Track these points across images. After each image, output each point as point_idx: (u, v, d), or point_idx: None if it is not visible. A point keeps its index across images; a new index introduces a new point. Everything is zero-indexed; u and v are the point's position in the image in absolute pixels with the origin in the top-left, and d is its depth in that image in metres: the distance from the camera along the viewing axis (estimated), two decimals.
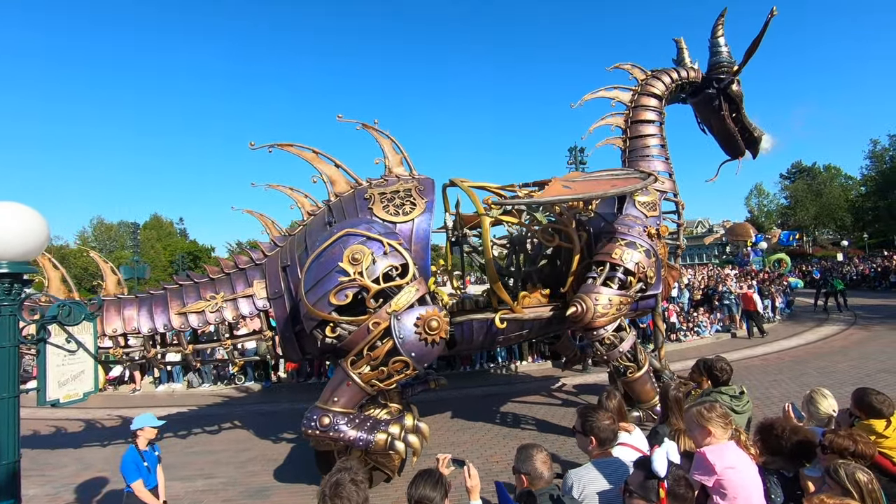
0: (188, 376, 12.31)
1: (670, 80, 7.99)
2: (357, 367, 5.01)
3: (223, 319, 5.90)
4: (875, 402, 3.15)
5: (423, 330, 4.91)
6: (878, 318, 16.30)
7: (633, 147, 7.65)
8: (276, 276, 5.99)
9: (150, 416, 4.50)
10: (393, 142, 6.51)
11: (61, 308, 3.35)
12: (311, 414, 5.07)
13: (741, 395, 3.96)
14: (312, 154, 6.34)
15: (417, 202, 5.80)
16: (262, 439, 7.78)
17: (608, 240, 6.33)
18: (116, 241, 57.34)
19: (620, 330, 6.26)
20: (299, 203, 6.39)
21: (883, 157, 49.64)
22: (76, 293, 6.18)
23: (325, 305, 4.89)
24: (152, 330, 5.85)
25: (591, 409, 2.92)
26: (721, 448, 2.60)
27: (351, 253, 4.96)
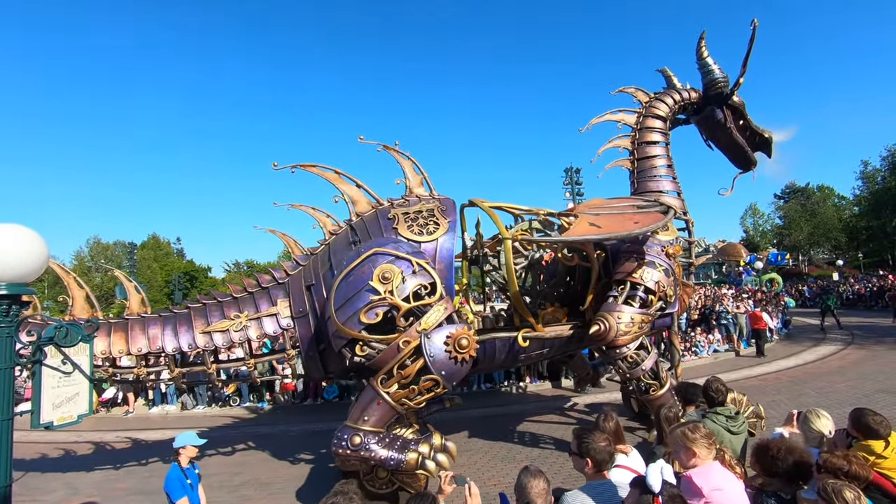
0: (182, 398, 12.16)
1: (673, 101, 8.18)
2: (387, 386, 5.04)
3: (247, 338, 5.86)
4: (872, 423, 3.16)
5: (454, 348, 4.98)
6: (874, 337, 16.32)
7: (641, 168, 7.78)
8: (300, 294, 5.99)
9: (192, 435, 4.55)
10: (413, 163, 6.64)
11: (58, 329, 3.36)
12: (341, 433, 5.05)
13: (736, 416, 3.97)
14: (335, 174, 6.44)
15: (441, 222, 5.88)
16: (257, 463, 7.67)
17: (627, 259, 6.37)
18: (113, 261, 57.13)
19: (642, 348, 6.34)
20: (321, 222, 6.44)
21: (874, 177, 50.32)
22: (100, 312, 6.17)
23: (355, 324, 4.93)
24: (176, 349, 5.79)
25: (586, 430, 2.92)
26: (706, 470, 2.62)
27: (381, 272, 5.03)
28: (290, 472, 7.13)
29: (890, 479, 2.97)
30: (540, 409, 9.79)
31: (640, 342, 6.30)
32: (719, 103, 8.16)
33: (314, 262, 6.18)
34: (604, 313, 6.09)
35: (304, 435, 9.12)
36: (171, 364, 5.95)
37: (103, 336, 5.60)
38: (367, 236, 5.86)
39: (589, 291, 6.45)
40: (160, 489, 4.51)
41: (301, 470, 7.23)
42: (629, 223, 5.90)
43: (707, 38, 8.25)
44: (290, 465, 7.45)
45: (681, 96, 8.28)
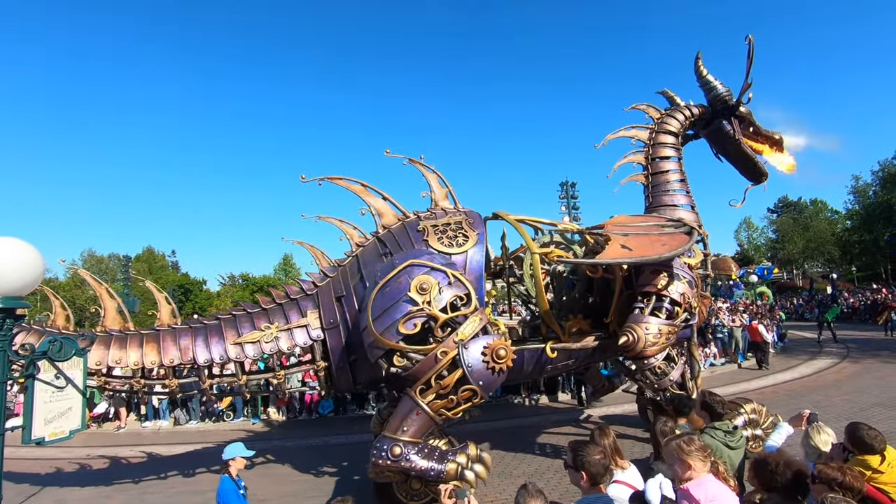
0: (175, 413, 12.01)
1: (683, 117, 8.43)
2: (425, 397, 5.06)
3: (278, 349, 5.83)
4: (866, 437, 3.17)
5: (491, 358, 5.04)
6: (870, 350, 16.38)
7: (655, 182, 7.95)
8: (330, 305, 5.99)
9: (241, 446, 4.63)
10: (438, 176, 6.72)
11: (52, 343, 3.33)
12: (381, 444, 5.06)
13: (735, 431, 3.96)
14: (361, 187, 6.52)
15: (469, 234, 5.96)
16: (252, 479, 7.54)
17: (652, 271, 6.39)
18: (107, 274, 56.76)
19: (669, 359, 6.48)
20: (348, 234, 6.49)
21: (866, 192, 50.91)
22: (131, 324, 6.10)
23: (393, 334, 4.98)
24: (208, 361, 5.74)
25: (581, 444, 2.92)
26: (702, 482, 2.66)
27: (418, 283, 5.09)
28: (286, 489, 7.03)
29: (887, 494, 2.97)
30: (540, 423, 9.74)
31: (667, 353, 6.43)
32: (727, 115, 8.38)
33: (343, 274, 6.21)
34: (632, 324, 6.09)
35: (299, 450, 9.01)
36: (203, 375, 5.89)
37: (135, 347, 5.59)
38: (397, 248, 5.92)
39: (613, 303, 6.50)
40: None
41: (297, 486, 7.13)
42: (657, 245, 6.04)
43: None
44: (286, 482, 7.35)
45: (690, 112, 8.53)
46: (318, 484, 7.12)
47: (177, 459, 8.75)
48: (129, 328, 5.94)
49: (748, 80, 8.00)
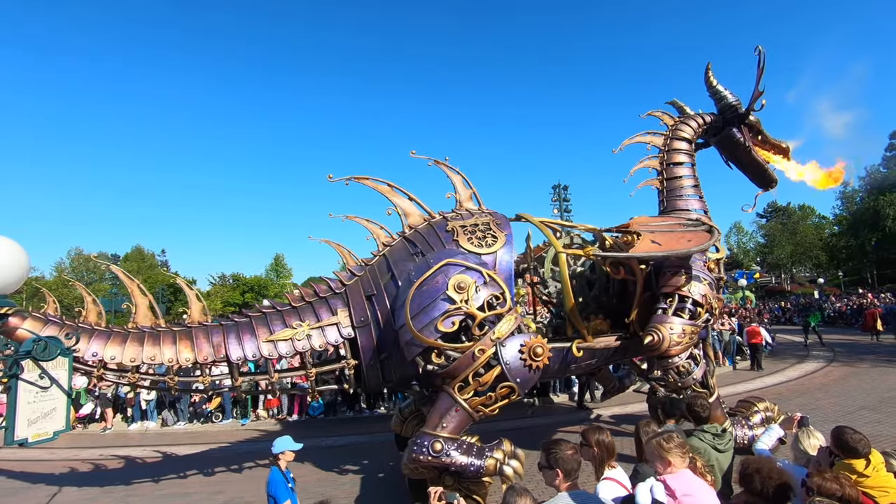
0: (163, 414, 11.88)
1: (696, 124, 8.63)
2: (464, 394, 5.16)
3: (310, 347, 5.80)
4: (851, 441, 3.19)
5: (529, 356, 5.17)
6: (856, 354, 16.58)
7: (669, 188, 8.09)
8: (360, 304, 5.99)
9: (290, 440, 4.71)
10: (463, 178, 6.77)
11: (36, 343, 3.28)
12: (421, 440, 5.12)
13: (723, 434, 3.99)
14: (388, 187, 6.56)
15: (498, 235, 6.01)
16: (240, 481, 7.49)
17: (674, 273, 6.54)
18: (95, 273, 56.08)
19: (692, 358, 6.57)
20: (374, 234, 6.52)
21: (853, 197, 51.71)
22: (162, 320, 6.02)
23: (432, 332, 5.06)
24: (240, 358, 5.70)
25: (553, 442, 2.97)
26: (679, 476, 2.74)
27: (456, 282, 5.19)
28: None
29: (873, 498, 2.99)
30: (529, 425, 9.73)
31: (690, 352, 6.54)
32: (737, 123, 8.60)
33: (372, 273, 6.21)
34: (656, 325, 6.23)
35: None
36: (235, 373, 5.88)
37: (169, 344, 5.53)
38: (428, 248, 5.96)
39: (634, 304, 6.60)
40: None
41: None
42: (683, 241, 6.23)
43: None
44: None
45: (703, 120, 8.75)
46: (308, 486, 7.06)
47: (165, 461, 8.64)
48: (161, 325, 5.88)
49: (759, 89, 8.19)
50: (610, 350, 6.61)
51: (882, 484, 3.05)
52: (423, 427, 5.32)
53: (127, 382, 5.76)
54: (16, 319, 4.79)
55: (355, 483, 7.12)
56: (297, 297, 6.22)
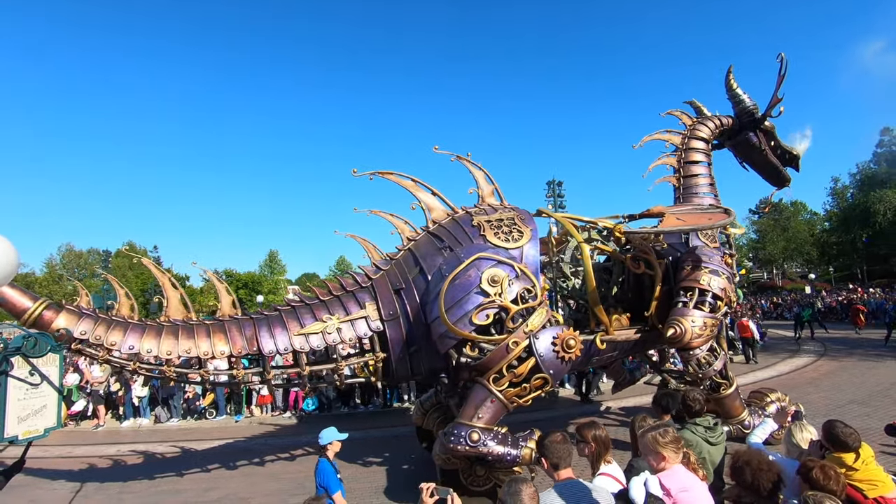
0: (156, 411, 11.82)
1: (714, 125, 8.84)
2: (499, 385, 5.25)
3: (340, 340, 5.84)
4: (841, 435, 3.23)
5: (561, 348, 5.29)
6: (846, 349, 16.79)
7: (686, 185, 8.29)
8: (389, 298, 6.05)
9: (335, 431, 4.83)
10: (485, 173, 6.86)
11: (26, 339, 3.24)
12: (458, 430, 5.21)
13: (715, 427, 4.02)
14: (412, 182, 6.63)
15: (523, 230, 6.10)
16: (234, 477, 7.47)
17: (692, 267, 6.72)
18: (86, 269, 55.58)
19: (712, 350, 6.77)
20: (399, 228, 6.57)
21: (844, 193, 52.17)
22: (193, 314, 5.98)
23: (466, 325, 5.19)
24: (272, 351, 5.69)
25: (543, 435, 2.99)
26: (673, 472, 2.76)
27: (490, 275, 5.31)
28: (270, 487, 6.97)
29: (861, 492, 3.03)
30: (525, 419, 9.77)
31: (711, 345, 6.71)
32: (753, 128, 8.82)
33: (399, 267, 6.27)
34: (677, 317, 6.35)
35: (283, 448, 8.92)
36: (268, 366, 5.89)
37: (203, 337, 5.52)
38: (456, 242, 6.03)
39: (653, 298, 6.72)
40: None
41: (280, 485, 7.07)
42: (704, 219, 6.56)
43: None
44: (270, 480, 7.28)
45: (720, 122, 8.93)
46: (304, 482, 7.05)
47: (158, 458, 8.61)
48: (192, 318, 5.87)
49: (777, 96, 8.33)
50: (630, 343, 6.74)
51: (871, 477, 3.09)
52: (457, 418, 5.42)
53: (160, 375, 5.75)
54: (50, 313, 4.80)
55: (352, 478, 7.12)
56: (325, 291, 6.27)
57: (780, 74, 8.16)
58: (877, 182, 45.94)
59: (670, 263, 7.17)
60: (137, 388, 11.63)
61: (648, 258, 6.84)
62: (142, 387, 11.64)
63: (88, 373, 12.30)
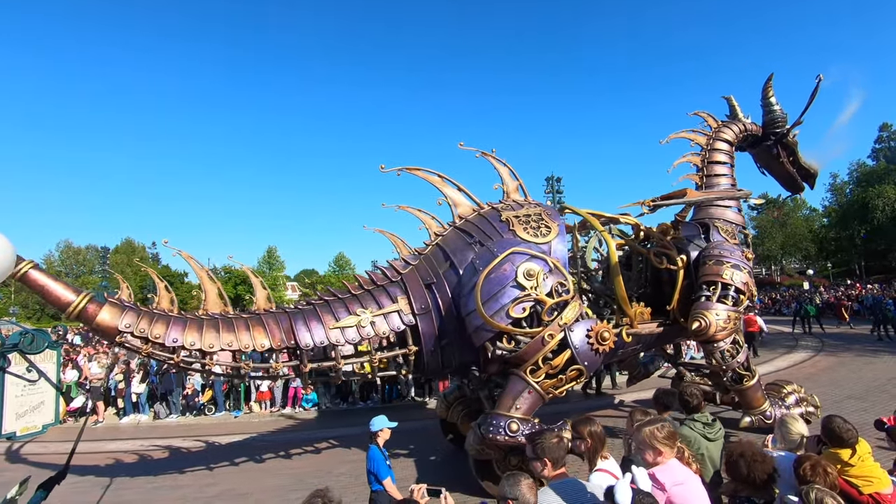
0: (155, 407, 11.83)
1: (739, 130, 9.07)
2: (536, 377, 5.39)
3: (374, 334, 5.91)
4: (838, 430, 3.24)
5: (596, 340, 5.45)
6: (843, 344, 16.84)
7: (708, 184, 8.46)
8: (420, 292, 6.13)
9: (385, 419, 4.88)
10: (510, 169, 6.96)
11: (23, 336, 3.23)
12: (496, 421, 5.32)
13: (713, 423, 4.02)
14: (439, 178, 6.74)
15: (551, 225, 6.24)
16: (233, 473, 7.48)
17: (715, 262, 6.88)
18: (84, 266, 55.52)
19: (735, 343, 6.88)
20: (426, 224, 6.65)
21: (843, 189, 52.18)
22: (230, 307, 5.99)
23: (503, 318, 5.34)
24: (308, 345, 5.71)
25: (537, 434, 2.99)
26: (667, 467, 2.77)
27: (525, 270, 5.46)
28: (269, 483, 6.98)
29: (856, 487, 3.04)
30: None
31: (734, 337, 6.83)
32: (776, 140, 9.09)
33: (428, 262, 6.35)
34: (702, 311, 6.52)
35: (281, 444, 8.94)
36: (305, 359, 5.86)
37: (243, 330, 5.54)
38: (485, 237, 6.12)
39: (675, 292, 6.88)
40: (132, 500, 4.36)
41: (279, 480, 7.08)
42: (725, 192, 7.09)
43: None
44: (268, 476, 7.30)
45: (744, 126, 9.14)
46: (303, 477, 7.08)
47: (157, 454, 8.61)
48: (229, 312, 5.89)
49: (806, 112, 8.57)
50: (653, 336, 6.90)
51: (867, 473, 3.10)
52: (494, 409, 5.53)
53: (202, 369, 5.76)
54: (94, 306, 4.80)
55: (352, 474, 7.14)
56: (357, 285, 6.31)
57: (813, 93, 8.33)
58: (875, 178, 45.97)
59: (690, 258, 7.31)
60: (135, 384, 11.64)
61: (670, 253, 6.98)
62: (139, 383, 11.65)
63: (87, 369, 12.32)
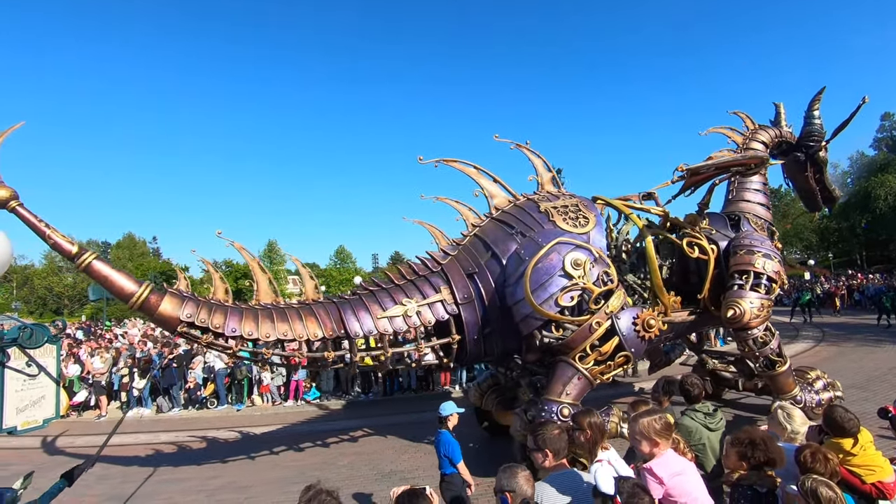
0: (157, 401, 11.87)
1: (774, 134, 9.24)
2: (585, 363, 5.53)
3: (419, 323, 5.98)
4: (839, 420, 3.23)
5: (642, 328, 5.58)
6: (844, 334, 16.87)
7: (740, 181, 8.75)
8: (462, 282, 6.22)
9: (454, 404, 4.96)
10: (544, 161, 7.09)
11: (23, 330, 3.22)
12: (548, 406, 5.42)
13: (715, 412, 4.02)
14: (475, 170, 6.87)
15: (588, 216, 6.38)
16: (235, 466, 7.52)
17: (746, 251, 7.02)
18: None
19: (768, 330, 7.01)
20: (463, 215, 6.78)
21: (844, 179, 51.96)
22: (281, 297, 6.07)
23: (552, 306, 5.49)
24: (358, 334, 5.80)
25: (538, 425, 3.02)
26: (663, 460, 2.75)
27: (572, 259, 5.61)
28: (270, 476, 7.01)
29: (858, 477, 3.03)
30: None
31: (766, 324, 6.96)
32: (808, 154, 9.29)
33: (468, 252, 6.45)
34: (735, 299, 6.67)
35: (283, 437, 8.98)
36: (355, 348, 5.95)
37: (296, 320, 5.62)
38: (526, 228, 6.22)
39: (706, 281, 6.97)
40: (134, 494, 4.37)
41: (281, 472, 7.12)
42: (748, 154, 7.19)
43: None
44: (270, 469, 7.33)
45: (780, 133, 9.33)
46: (305, 470, 7.11)
47: (159, 447, 8.65)
48: (281, 302, 5.95)
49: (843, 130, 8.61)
50: (686, 324, 7.00)
51: (869, 462, 3.09)
52: (544, 395, 5.64)
53: (258, 358, 5.86)
54: (155, 297, 4.87)
55: (354, 466, 7.17)
56: (399, 275, 6.40)
57: (853, 113, 8.39)
58: (877, 167, 45.74)
59: (720, 249, 7.42)
60: (137, 379, 11.67)
61: (701, 242, 7.07)
62: (140, 378, 11.68)
63: (89, 364, 12.34)
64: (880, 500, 2.94)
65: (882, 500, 2.92)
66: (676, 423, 3.59)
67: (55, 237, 4.36)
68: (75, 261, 4.52)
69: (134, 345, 13.96)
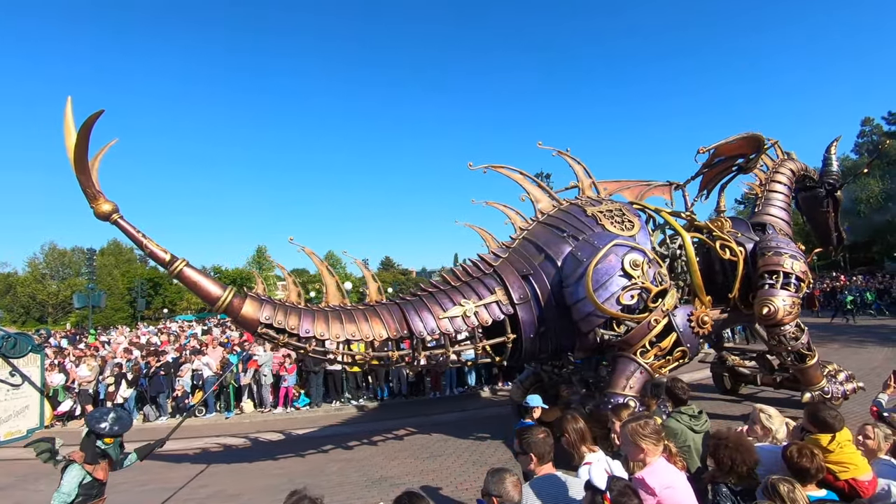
0: (144, 409, 11.71)
1: (800, 167, 10.06)
2: (646, 358, 5.80)
3: (478, 323, 6.16)
4: (827, 418, 3.28)
5: (697, 324, 5.93)
6: (828, 335, 17.13)
7: (766, 197, 9.34)
8: (517, 283, 6.41)
9: (539, 398, 5.13)
10: (584, 167, 7.36)
11: (5, 339, 3.18)
12: (614, 399, 5.58)
13: (699, 415, 4.08)
14: (520, 176, 7.14)
15: (633, 220, 6.65)
16: (224, 474, 7.44)
17: (774, 253, 7.38)
18: (70, 268, 54.67)
19: (798, 326, 7.30)
20: (511, 219, 7.01)
21: None
22: (348, 300, 6.20)
23: (613, 304, 5.76)
24: (421, 333, 5.95)
25: (525, 429, 3.02)
26: (655, 469, 2.72)
27: (631, 260, 5.88)
28: (260, 483, 6.95)
29: (833, 473, 3.09)
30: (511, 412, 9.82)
31: (797, 321, 7.26)
32: (828, 191, 10.08)
33: (520, 254, 6.64)
34: (768, 297, 7.01)
35: (273, 444, 8.91)
36: (419, 347, 6.10)
37: (363, 321, 5.77)
38: (577, 231, 6.47)
39: (736, 281, 7.30)
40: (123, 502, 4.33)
41: (271, 480, 7.06)
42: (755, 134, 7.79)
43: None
44: (260, 476, 7.27)
45: (807, 168, 10.15)
46: (295, 477, 7.05)
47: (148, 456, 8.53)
48: (347, 304, 6.11)
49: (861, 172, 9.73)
50: (719, 321, 7.26)
51: (845, 460, 3.15)
52: (608, 388, 5.88)
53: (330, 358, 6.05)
54: (238, 300, 5.13)
55: (344, 473, 7.14)
56: (455, 277, 6.58)
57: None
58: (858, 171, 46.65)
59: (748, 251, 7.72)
60: (123, 388, 11.50)
61: (731, 245, 7.38)
62: (127, 388, 11.51)
63: (74, 372, 12.15)
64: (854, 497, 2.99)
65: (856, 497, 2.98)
66: (662, 424, 3.63)
67: (151, 246, 4.81)
68: (168, 267, 4.96)
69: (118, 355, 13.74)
